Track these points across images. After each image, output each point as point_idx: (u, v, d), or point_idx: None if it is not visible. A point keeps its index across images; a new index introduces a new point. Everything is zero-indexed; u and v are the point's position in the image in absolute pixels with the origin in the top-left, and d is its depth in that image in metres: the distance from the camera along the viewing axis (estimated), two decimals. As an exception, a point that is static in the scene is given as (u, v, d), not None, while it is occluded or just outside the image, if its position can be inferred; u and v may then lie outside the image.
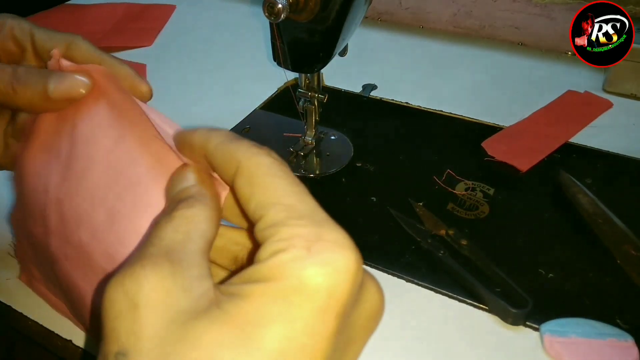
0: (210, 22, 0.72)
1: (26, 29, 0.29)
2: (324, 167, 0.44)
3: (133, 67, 0.55)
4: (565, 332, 0.30)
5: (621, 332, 0.30)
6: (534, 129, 0.47)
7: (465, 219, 0.38)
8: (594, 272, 0.34)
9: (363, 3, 0.38)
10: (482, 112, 0.50)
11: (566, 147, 0.45)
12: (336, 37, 0.37)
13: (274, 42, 0.38)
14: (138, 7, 0.75)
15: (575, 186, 0.39)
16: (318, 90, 0.43)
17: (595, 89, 0.53)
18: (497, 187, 0.41)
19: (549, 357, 0.30)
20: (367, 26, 0.68)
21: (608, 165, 0.43)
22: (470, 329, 0.31)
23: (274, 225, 0.17)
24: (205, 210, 0.20)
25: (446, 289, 0.33)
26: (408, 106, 0.52)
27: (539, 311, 0.31)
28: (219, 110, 0.51)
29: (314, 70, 0.39)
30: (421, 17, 0.68)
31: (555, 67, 0.58)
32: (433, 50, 0.63)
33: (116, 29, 0.69)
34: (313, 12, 0.34)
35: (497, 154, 0.44)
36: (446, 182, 0.42)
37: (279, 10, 0.31)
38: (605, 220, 0.36)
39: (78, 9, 0.74)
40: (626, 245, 0.35)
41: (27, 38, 0.29)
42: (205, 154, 0.21)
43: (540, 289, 0.33)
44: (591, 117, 0.49)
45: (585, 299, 0.32)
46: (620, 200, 0.39)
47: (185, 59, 0.63)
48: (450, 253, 0.35)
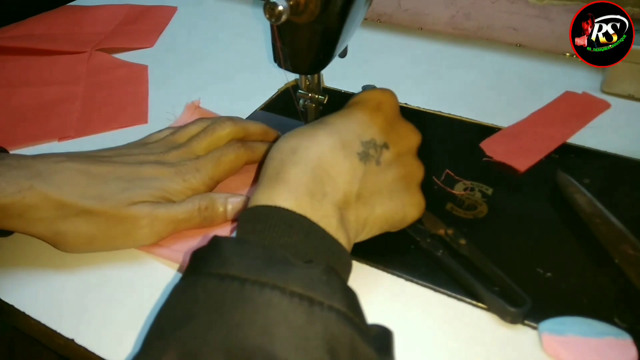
0: (212, 23, 0.72)
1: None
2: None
3: (135, 68, 0.56)
4: (563, 330, 0.30)
5: (619, 330, 0.30)
6: (532, 129, 0.48)
7: (464, 218, 0.39)
8: (592, 272, 0.34)
9: (363, 5, 0.39)
10: (480, 113, 0.50)
11: (564, 148, 0.45)
12: (336, 38, 0.37)
13: (275, 43, 0.38)
14: (140, 8, 0.75)
15: (573, 186, 0.40)
16: (318, 92, 0.43)
17: (593, 90, 0.53)
18: (495, 187, 0.41)
19: (547, 355, 0.30)
20: (367, 28, 0.68)
21: (606, 166, 0.43)
22: (468, 328, 0.32)
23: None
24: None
25: (445, 288, 0.34)
26: (407, 107, 0.52)
27: (537, 310, 0.31)
28: (219, 111, 0.52)
29: (314, 71, 0.39)
30: (420, 18, 0.68)
31: (553, 68, 0.58)
32: (432, 51, 0.63)
33: (118, 30, 0.70)
34: (313, 14, 0.34)
35: (496, 154, 0.45)
36: (445, 182, 0.42)
37: (280, 12, 0.32)
38: (603, 220, 0.37)
39: (80, 10, 0.74)
40: (624, 245, 0.35)
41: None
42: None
43: (538, 288, 0.33)
44: (589, 117, 0.49)
45: (583, 298, 0.33)
46: (618, 200, 0.39)
47: (187, 60, 0.63)
48: (449, 252, 0.35)
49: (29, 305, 0.34)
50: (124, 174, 0.35)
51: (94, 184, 0.34)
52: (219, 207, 0.37)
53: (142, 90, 0.57)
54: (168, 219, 0.35)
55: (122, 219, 0.34)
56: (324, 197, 0.29)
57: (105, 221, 0.33)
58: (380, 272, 0.35)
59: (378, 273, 0.35)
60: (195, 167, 0.37)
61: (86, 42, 0.66)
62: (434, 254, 0.35)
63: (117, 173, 0.35)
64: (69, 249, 0.35)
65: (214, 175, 0.38)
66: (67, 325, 0.33)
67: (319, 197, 0.29)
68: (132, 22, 0.72)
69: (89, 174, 0.34)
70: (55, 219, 0.33)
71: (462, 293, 0.33)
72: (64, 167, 0.34)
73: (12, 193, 0.32)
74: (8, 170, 0.33)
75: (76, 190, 0.33)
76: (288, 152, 0.30)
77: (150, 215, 0.34)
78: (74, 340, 0.32)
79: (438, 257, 0.35)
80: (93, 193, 0.33)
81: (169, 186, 0.36)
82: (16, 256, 0.38)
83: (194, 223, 0.36)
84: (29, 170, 0.33)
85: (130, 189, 0.34)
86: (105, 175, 0.34)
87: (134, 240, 0.35)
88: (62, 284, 0.35)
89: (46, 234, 0.34)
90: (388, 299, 0.34)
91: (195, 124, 0.41)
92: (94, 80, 0.59)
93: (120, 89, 0.57)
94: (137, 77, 0.59)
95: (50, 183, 0.33)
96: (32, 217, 0.33)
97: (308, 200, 0.28)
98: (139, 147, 0.39)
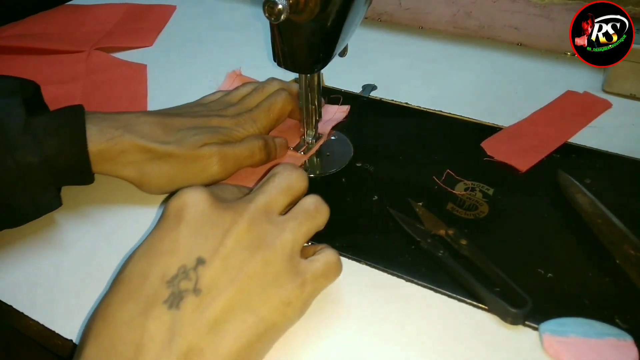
0: (211, 22, 0.72)
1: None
2: (324, 167, 0.44)
3: (134, 67, 0.56)
4: (564, 331, 0.30)
5: (620, 331, 0.30)
6: (533, 129, 0.47)
7: (465, 218, 0.39)
8: (593, 272, 0.34)
9: (363, 3, 0.39)
10: (481, 113, 0.50)
11: (565, 147, 0.45)
12: (336, 37, 0.37)
13: (274, 42, 0.38)
14: (139, 7, 0.75)
15: (574, 186, 0.39)
16: (318, 91, 0.43)
17: (595, 89, 0.53)
18: (496, 187, 0.41)
19: (548, 356, 0.30)
20: (367, 26, 0.68)
21: (607, 166, 0.43)
22: (469, 329, 0.31)
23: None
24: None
25: (445, 289, 0.34)
26: (408, 106, 0.52)
27: (537, 311, 0.31)
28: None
29: (314, 70, 0.39)
30: (421, 17, 0.68)
31: (555, 68, 0.58)
32: (432, 50, 0.63)
33: (117, 29, 0.69)
34: (313, 12, 0.34)
35: (497, 154, 0.44)
36: (446, 182, 0.42)
37: (279, 11, 0.32)
38: (604, 220, 0.37)
39: (79, 9, 0.74)
40: (625, 245, 0.35)
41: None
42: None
43: (539, 288, 0.33)
44: (590, 117, 0.49)
45: (584, 299, 0.33)
46: (620, 200, 0.39)
47: (186, 60, 0.63)
48: (450, 253, 0.35)
49: (26, 306, 0.34)
50: (193, 124, 0.41)
51: (170, 132, 0.39)
52: (271, 144, 0.43)
53: (141, 89, 0.56)
54: (234, 156, 0.40)
55: (196, 158, 0.39)
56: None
57: (183, 161, 0.39)
58: (380, 272, 0.35)
59: (378, 273, 0.35)
60: (252, 118, 0.43)
61: (85, 41, 0.65)
62: (435, 255, 0.35)
63: (187, 124, 0.41)
64: (154, 189, 0.40)
65: (267, 124, 0.44)
66: (65, 326, 0.33)
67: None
68: (131, 21, 0.71)
69: (164, 124, 0.40)
70: (141, 162, 0.38)
71: (463, 294, 0.33)
72: (144, 120, 0.39)
73: (106, 140, 0.37)
74: (100, 122, 0.38)
75: (157, 137, 0.39)
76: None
77: (219, 153, 0.39)
78: (73, 341, 0.32)
79: (439, 258, 0.35)
80: (170, 139, 0.39)
81: (231, 133, 0.41)
82: (15, 256, 0.37)
83: (255, 159, 0.42)
84: (116, 121, 0.38)
85: (200, 134, 0.40)
86: (178, 126, 0.40)
87: (207, 177, 0.40)
88: (60, 285, 0.35)
89: (134, 176, 0.39)
90: (388, 300, 0.33)
91: (244, 86, 0.47)
92: (93, 80, 0.58)
93: (119, 88, 0.57)
94: (136, 76, 0.59)
95: (135, 132, 0.38)
96: (122, 161, 0.38)
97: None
98: (199, 106, 0.45)
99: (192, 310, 0.25)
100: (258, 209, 0.29)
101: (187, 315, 0.24)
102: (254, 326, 0.26)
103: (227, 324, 0.25)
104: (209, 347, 0.24)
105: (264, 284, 0.26)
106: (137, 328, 0.24)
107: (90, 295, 0.34)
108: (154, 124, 0.39)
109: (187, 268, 0.26)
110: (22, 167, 0.35)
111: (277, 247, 0.27)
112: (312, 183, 0.42)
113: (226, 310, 0.25)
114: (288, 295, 0.27)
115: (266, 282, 0.27)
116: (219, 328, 0.25)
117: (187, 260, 0.26)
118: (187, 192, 0.28)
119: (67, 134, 0.36)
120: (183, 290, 0.25)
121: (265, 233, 0.28)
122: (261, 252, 0.27)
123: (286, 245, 0.28)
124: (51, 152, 0.35)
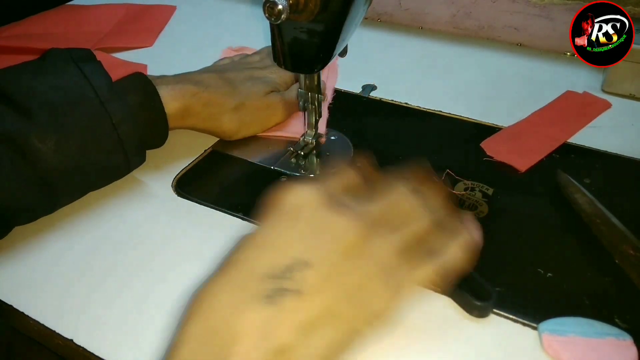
0: (211, 22, 0.72)
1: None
2: (324, 167, 0.45)
3: (134, 67, 0.56)
4: (563, 331, 0.30)
5: (620, 331, 0.30)
6: (532, 129, 0.47)
7: (465, 218, 0.39)
8: (593, 272, 0.34)
9: (363, 4, 0.39)
10: (481, 113, 0.50)
11: (565, 147, 0.45)
12: (336, 37, 0.37)
13: (274, 42, 0.38)
14: (139, 7, 0.75)
15: (573, 186, 0.40)
16: (318, 91, 0.43)
17: (594, 90, 0.53)
18: (496, 187, 0.41)
19: (548, 356, 0.30)
20: (367, 27, 0.68)
21: (606, 166, 0.43)
22: (469, 329, 0.31)
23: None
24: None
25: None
26: (407, 106, 0.52)
27: (537, 310, 0.31)
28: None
29: (314, 70, 0.39)
30: (420, 17, 0.68)
31: (554, 68, 0.58)
32: (432, 50, 0.63)
33: (117, 29, 0.69)
34: (313, 13, 0.34)
35: (496, 154, 0.45)
36: (446, 182, 0.42)
37: (279, 12, 0.32)
38: (603, 220, 0.37)
39: (79, 10, 0.74)
40: (625, 245, 0.35)
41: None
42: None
43: (538, 288, 0.33)
44: (590, 117, 0.49)
45: (583, 298, 0.33)
46: (619, 201, 0.39)
47: (186, 60, 0.63)
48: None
49: (27, 306, 0.34)
50: (245, 77, 0.47)
51: (234, 86, 0.45)
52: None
53: (141, 89, 0.56)
54: (291, 102, 0.47)
55: (265, 105, 0.46)
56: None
57: (255, 109, 0.46)
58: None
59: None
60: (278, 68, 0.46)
61: (85, 42, 0.65)
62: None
63: (240, 77, 0.47)
64: (233, 135, 0.46)
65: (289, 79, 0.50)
66: (66, 326, 0.33)
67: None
68: (132, 21, 0.71)
69: (226, 79, 0.45)
70: (218, 114, 0.44)
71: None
72: (209, 77, 0.45)
73: (191, 95, 0.42)
74: (178, 82, 0.43)
75: (226, 91, 0.44)
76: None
77: (282, 100, 0.47)
78: (73, 341, 0.32)
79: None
80: (238, 92, 0.45)
81: (274, 81, 0.48)
82: (15, 256, 0.37)
83: (297, 107, 0.45)
84: (190, 80, 0.43)
85: (257, 84, 0.46)
86: (235, 79, 0.46)
87: (274, 120, 0.48)
88: (61, 284, 0.35)
89: (213, 126, 0.45)
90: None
91: (257, 53, 0.54)
92: (93, 80, 0.58)
93: (119, 88, 0.57)
94: (136, 76, 0.59)
95: (209, 88, 0.43)
96: (203, 114, 0.43)
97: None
98: (232, 63, 0.51)
99: (290, 310, 0.25)
100: (373, 219, 0.27)
101: (284, 313, 0.24)
102: (345, 335, 0.26)
103: (320, 329, 0.25)
104: (300, 348, 0.24)
105: (362, 296, 0.26)
106: (238, 316, 0.24)
107: (91, 295, 0.34)
108: (218, 79, 0.45)
109: (294, 268, 0.26)
110: (116, 123, 0.38)
111: (377, 261, 0.27)
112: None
113: (322, 315, 0.25)
114: (382, 307, 0.27)
115: (364, 295, 0.26)
116: (313, 332, 0.25)
117: (295, 260, 0.26)
118: (303, 190, 0.28)
119: (142, 92, 0.40)
120: (286, 288, 0.25)
121: (372, 246, 0.27)
122: (364, 263, 0.26)
123: (391, 263, 0.27)
124: (135, 109, 0.39)
